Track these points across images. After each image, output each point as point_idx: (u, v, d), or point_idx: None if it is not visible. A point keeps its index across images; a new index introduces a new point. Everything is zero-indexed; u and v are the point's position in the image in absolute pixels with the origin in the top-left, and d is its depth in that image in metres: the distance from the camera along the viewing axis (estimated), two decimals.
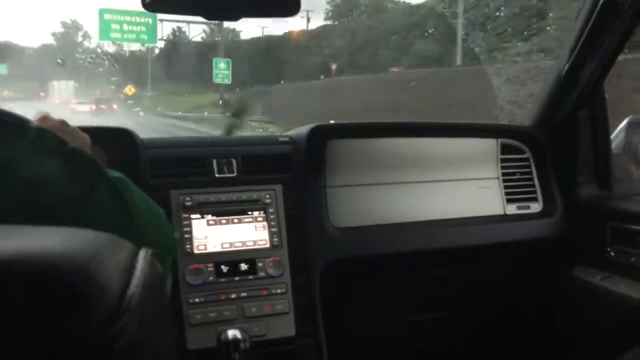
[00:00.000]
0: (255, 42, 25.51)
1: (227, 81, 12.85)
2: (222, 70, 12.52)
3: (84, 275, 0.35)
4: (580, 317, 1.64)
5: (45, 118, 0.77)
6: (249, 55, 21.60)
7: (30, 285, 0.33)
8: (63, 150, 0.63)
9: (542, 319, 1.77)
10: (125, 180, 0.70)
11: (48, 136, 0.63)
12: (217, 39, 19.27)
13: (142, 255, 0.41)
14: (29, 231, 0.39)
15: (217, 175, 1.48)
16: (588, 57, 1.57)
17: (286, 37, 25.05)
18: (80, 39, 31.12)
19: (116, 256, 0.39)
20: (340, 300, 1.55)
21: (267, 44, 24.35)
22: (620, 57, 1.62)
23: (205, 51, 18.69)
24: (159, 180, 1.41)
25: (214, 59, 12.90)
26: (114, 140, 1.35)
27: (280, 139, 1.61)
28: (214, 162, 1.48)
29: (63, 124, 0.78)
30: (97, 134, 0.95)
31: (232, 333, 1.20)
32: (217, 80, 12.72)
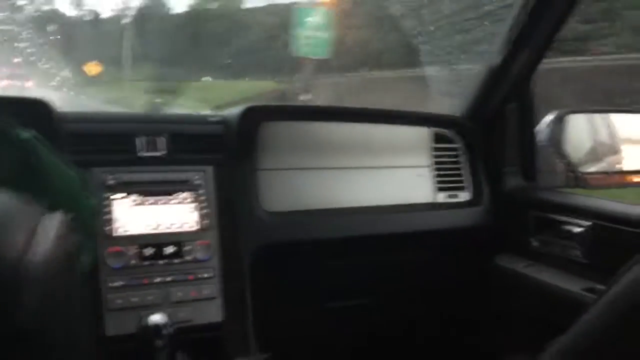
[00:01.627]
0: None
1: (322, 55, 6.71)
2: (313, 31, 6.42)
3: None
4: (505, 305, 1.69)
5: None
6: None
7: None
8: None
9: (468, 307, 1.81)
10: (35, 142, 0.64)
11: None
12: None
13: (51, 220, 0.36)
14: None
15: (143, 153, 1.40)
16: (520, 48, 1.61)
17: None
18: None
19: (20, 215, 0.34)
20: (269, 285, 1.52)
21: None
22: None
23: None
24: (79, 157, 1.31)
25: (299, 9, 6.68)
26: (27, 112, 1.25)
27: (211, 118, 1.56)
28: (140, 139, 1.41)
29: None
30: (9, 103, 0.86)
31: (154, 318, 1.14)
32: (305, 51, 6.57)
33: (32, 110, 1.29)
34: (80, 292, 0.53)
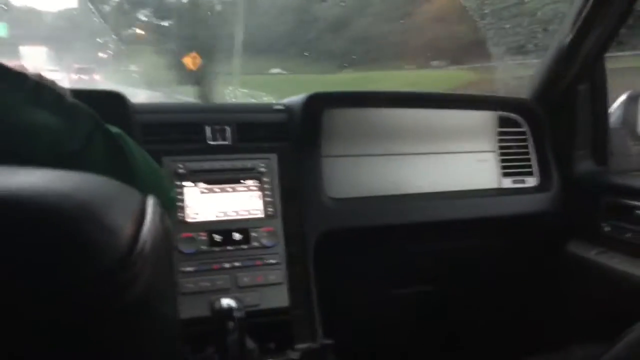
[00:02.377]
0: None
1: None
2: None
3: (91, 218, 0.32)
4: (575, 292, 1.65)
5: (22, 67, 0.75)
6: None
7: (37, 224, 0.31)
8: (62, 104, 0.62)
9: (534, 294, 1.78)
10: (124, 136, 0.68)
11: (46, 89, 0.62)
12: None
13: (152, 203, 0.39)
14: (34, 172, 0.36)
15: (210, 142, 1.44)
16: (590, 29, 1.54)
17: None
18: None
19: (126, 202, 0.36)
20: (334, 271, 1.54)
21: None
22: None
23: None
24: (151, 146, 1.35)
25: None
26: (103, 104, 1.31)
27: (275, 107, 1.58)
28: (208, 128, 1.45)
29: (40, 76, 0.76)
30: (85, 96, 0.91)
31: (226, 302, 1.18)
32: None
33: (108, 103, 1.35)
34: (174, 274, 0.56)
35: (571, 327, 1.67)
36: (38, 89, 0.61)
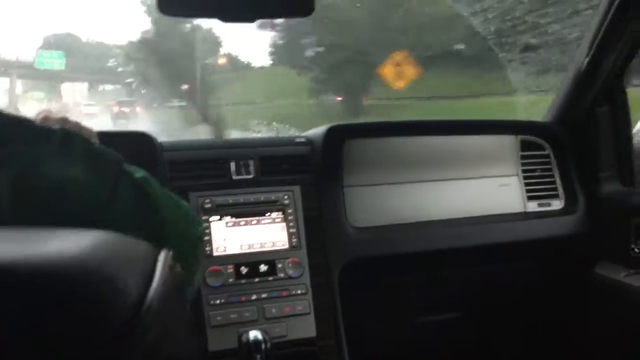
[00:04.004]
0: None
1: None
2: None
3: (101, 279, 0.35)
4: (605, 316, 1.62)
5: (47, 117, 0.76)
6: None
7: (46, 289, 0.33)
8: (88, 153, 0.63)
9: (565, 318, 1.75)
10: (149, 178, 0.70)
11: (74, 139, 0.63)
12: None
13: (162, 257, 0.41)
14: (47, 235, 0.39)
15: (234, 177, 1.48)
16: (608, 50, 1.54)
17: None
18: None
19: (135, 259, 0.38)
20: (360, 300, 1.54)
21: None
22: None
23: None
24: (178, 183, 1.41)
25: None
26: (132, 144, 1.36)
27: (297, 139, 1.61)
28: (232, 164, 1.49)
29: (64, 120, 0.77)
30: (116, 137, 0.95)
31: (254, 334, 1.20)
32: None
33: (136, 143, 1.40)
34: (188, 318, 0.58)
35: (601, 350, 1.63)
36: (65, 141, 0.62)
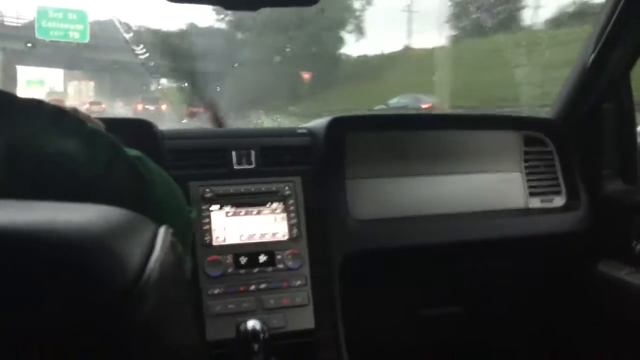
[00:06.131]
0: None
1: None
2: None
3: (102, 249, 0.35)
4: (604, 314, 1.61)
5: (58, 103, 0.77)
6: None
7: (49, 257, 0.34)
8: (82, 130, 0.63)
9: (563, 315, 1.74)
10: (144, 158, 0.70)
11: (66, 116, 0.63)
12: None
13: (162, 233, 0.41)
14: (51, 206, 0.39)
15: (235, 166, 1.47)
16: (614, 46, 1.53)
17: None
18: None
19: (136, 232, 0.39)
20: (359, 293, 1.54)
21: None
22: None
23: None
24: (179, 172, 1.41)
25: None
26: (133, 132, 1.36)
27: (299, 130, 1.61)
28: (233, 153, 1.48)
29: (75, 110, 0.78)
30: (116, 124, 0.95)
31: (252, 324, 1.19)
32: None
33: (138, 130, 1.40)
34: (189, 298, 0.58)
35: (602, 347, 1.63)
36: (57, 116, 0.62)
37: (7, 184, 0.55)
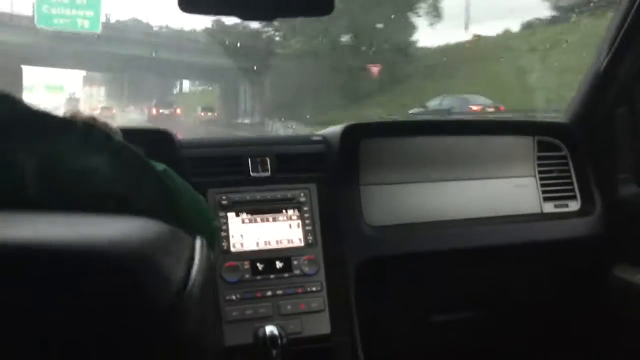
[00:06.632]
0: None
1: None
2: None
3: (147, 265, 0.36)
4: (622, 316, 1.61)
5: (75, 116, 0.80)
6: None
7: (95, 273, 0.34)
8: (110, 145, 0.65)
9: (582, 318, 1.74)
10: (169, 171, 0.72)
11: (95, 131, 0.65)
12: None
13: (199, 245, 0.42)
14: (92, 220, 0.40)
15: (252, 174, 1.49)
16: (628, 50, 1.53)
17: None
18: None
19: (177, 246, 0.40)
20: (375, 298, 1.55)
21: None
22: None
23: None
24: (197, 179, 1.42)
25: None
26: (152, 141, 1.38)
27: (314, 138, 1.62)
28: (249, 161, 1.50)
29: (93, 119, 0.80)
30: (136, 134, 0.97)
31: (270, 329, 1.21)
32: None
33: (157, 140, 1.42)
34: (217, 304, 0.59)
35: (618, 351, 1.62)
36: (86, 133, 0.64)
37: (42, 198, 0.57)
